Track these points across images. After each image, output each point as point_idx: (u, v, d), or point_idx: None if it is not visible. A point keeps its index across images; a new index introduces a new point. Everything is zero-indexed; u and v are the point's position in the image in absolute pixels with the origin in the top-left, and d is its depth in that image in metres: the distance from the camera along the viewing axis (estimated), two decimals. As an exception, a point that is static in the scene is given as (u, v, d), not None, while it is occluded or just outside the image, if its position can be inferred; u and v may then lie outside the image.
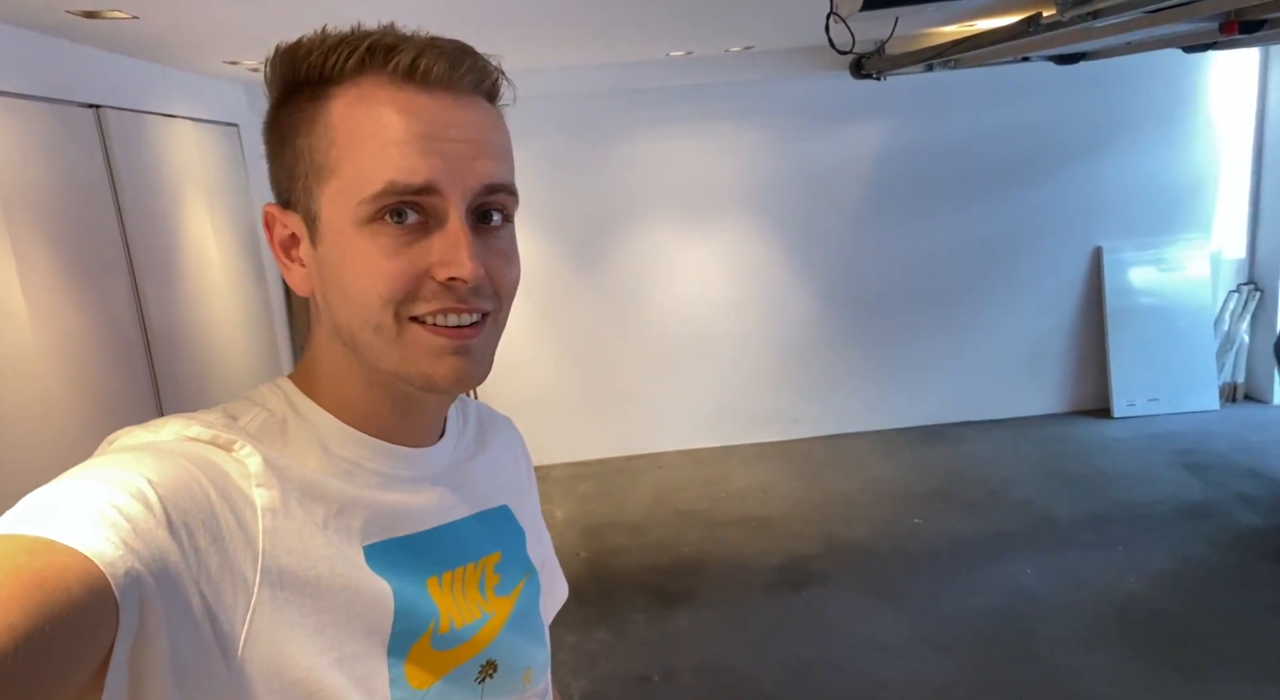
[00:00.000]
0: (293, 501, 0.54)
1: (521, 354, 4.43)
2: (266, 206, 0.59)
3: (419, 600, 0.58)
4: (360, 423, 0.60)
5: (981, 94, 4.28)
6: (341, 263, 0.55)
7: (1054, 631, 2.66)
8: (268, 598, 0.50)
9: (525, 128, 4.30)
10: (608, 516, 3.80)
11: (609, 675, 2.62)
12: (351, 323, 0.56)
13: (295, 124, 0.56)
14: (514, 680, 0.65)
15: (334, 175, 0.54)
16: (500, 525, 0.69)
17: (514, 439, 0.78)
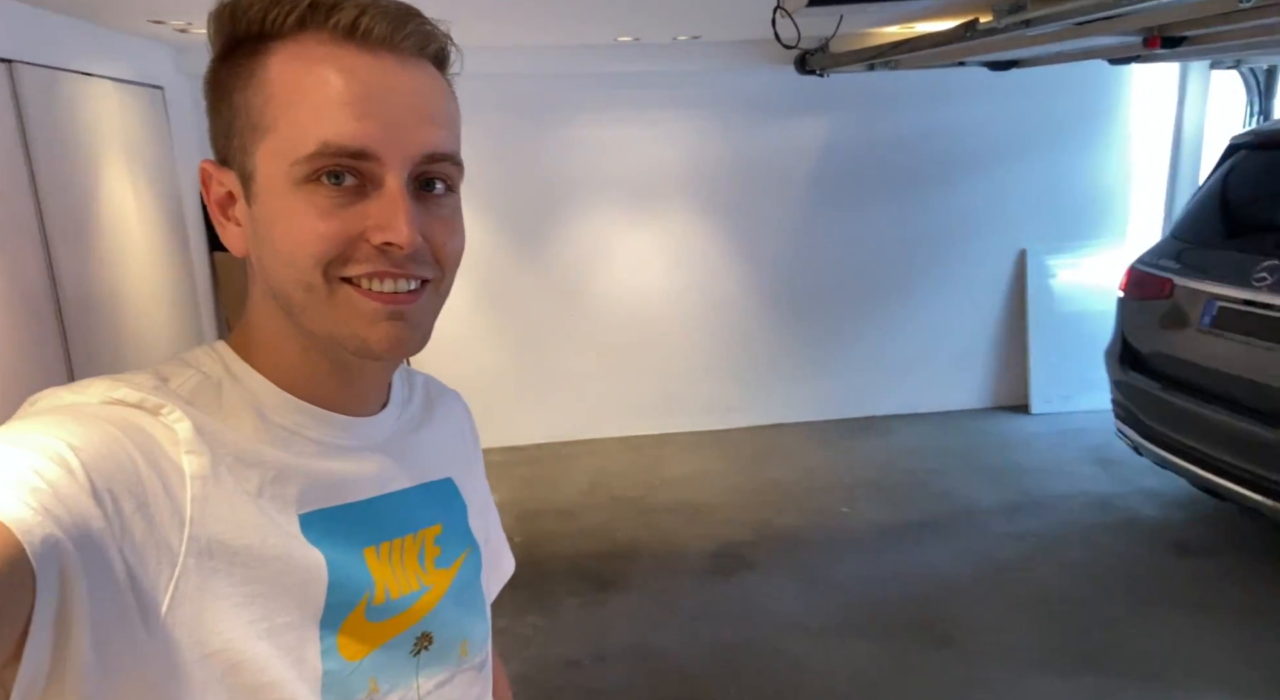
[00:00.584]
0: (224, 469, 0.52)
1: (460, 335, 4.37)
2: (204, 163, 0.58)
3: (354, 570, 0.58)
4: (298, 389, 0.59)
5: (919, 95, 4.39)
6: (275, 222, 0.54)
7: (970, 617, 2.77)
8: (194, 566, 0.49)
9: (471, 106, 4.19)
10: (543, 501, 3.79)
11: (538, 659, 2.62)
12: (284, 283, 0.55)
13: (233, 79, 0.55)
14: (450, 652, 0.65)
15: (270, 133, 0.53)
16: (443, 498, 0.69)
17: (461, 412, 0.77)
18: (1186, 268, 2.95)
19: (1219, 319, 2.76)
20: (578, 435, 4.55)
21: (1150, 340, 3.10)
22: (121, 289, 2.91)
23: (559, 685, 2.50)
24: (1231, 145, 3.14)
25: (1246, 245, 2.80)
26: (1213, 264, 2.86)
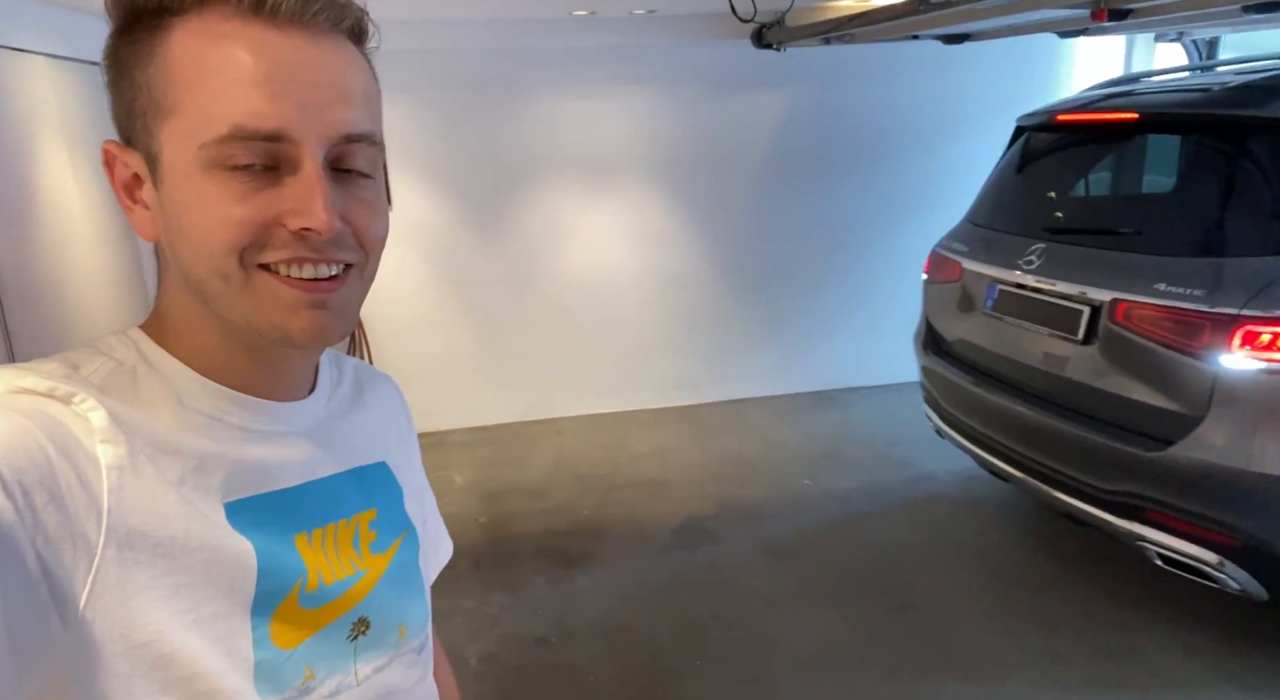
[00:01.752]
0: (142, 458, 0.51)
1: (419, 316, 4.32)
2: (106, 144, 0.55)
3: (285, 558, 0.57)
4: (219, 375, 0.57)
5: (875, 69, 4.41)
6: (184, 206, 0.52)
7: (928, 582, 2.84)
8: (113, 558, 0.48)
9: (425, 81, 4.16)
10: (508, 481, 3.79)
11: (506, 637, 2.63)
12: (197, 270, 0.53)
13: (133, 56, 0.52)
14: (388, 636, 0.64)
15: (173, 114, 0.51)
16: (377, 482, 0.68)
17: (393, 396, 0.76)
18: (974, 251, 2.91)
19: (998, 302, 2.72)
20: (541, 414, 4.54)
21: (946, 324, 3.06)
22: (64, 273, 2.82)
23: (527, 663, 2.52)
24: (1018, 126, 3.07)
25: (1022, 228, 2.76)
26: (994, 247, 2.81)
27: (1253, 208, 2.20)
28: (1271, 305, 1.97)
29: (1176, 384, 2.14)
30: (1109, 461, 2.29)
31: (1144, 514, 2.23)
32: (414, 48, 3.96)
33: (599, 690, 2.39)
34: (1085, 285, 2.39)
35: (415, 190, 4.19)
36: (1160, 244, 2.33)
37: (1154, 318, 2.19)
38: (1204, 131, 2.43)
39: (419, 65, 4.02)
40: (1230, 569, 2.10)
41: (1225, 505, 2.08)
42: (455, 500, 3.62)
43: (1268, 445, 1.98)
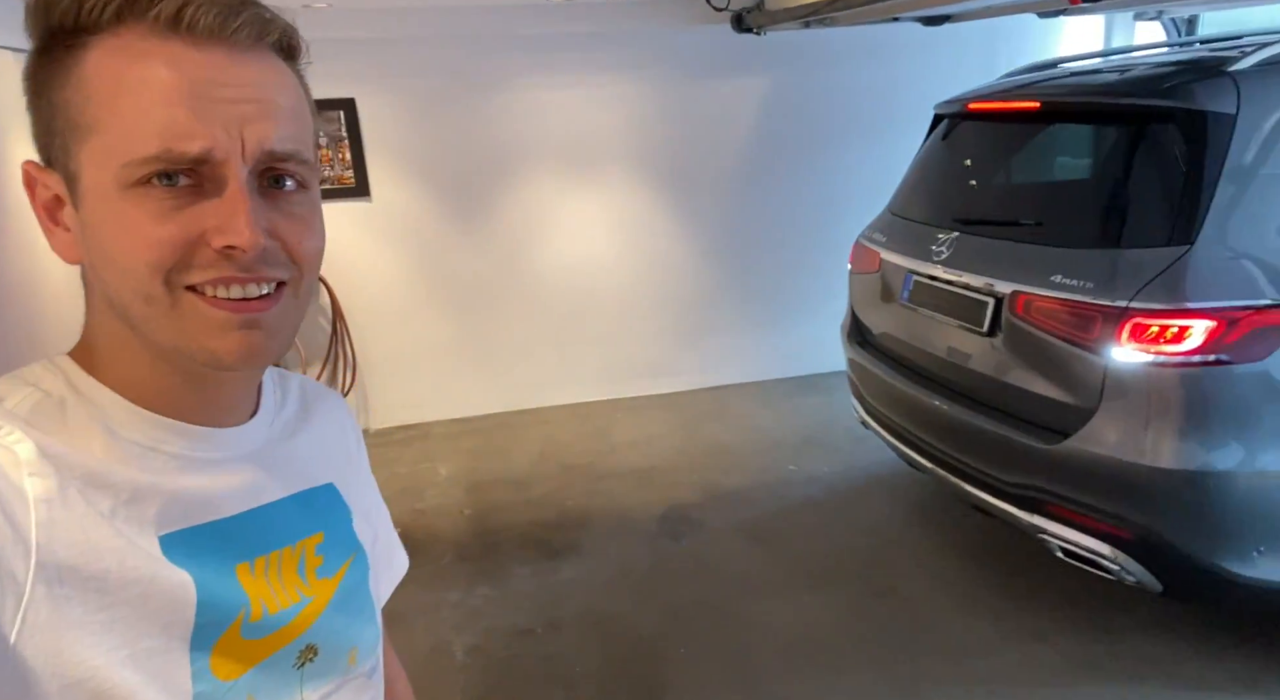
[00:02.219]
0: (73, 491, 0.49)
1: (401, 307, 4.30)
2: (26, 164, 0.54)
3: (225, 589, 0.55)
4: (152, 402, 0.55)
5: (855, 52, 4.39)
6: (105, 227, 0.51)
7: (911, 566, 2.87)
8: (43, 595, 0.47)
9: (402, 70, 4.11)
10: (492, 473, 3.79)
11: (491, 629, 2.64)
12: (121, 293, 0.52)
13: (51, 76, 0.51)
14: (337, 662, 0.63)
15: (92, 134, 0.50)
16: (324, 505, 0.67)
17: (340, 413, 0.75)
18: (891, 241, 2.88)
19: (913, 293, 2.68)
20: (525, 404, 4.54)
21: (869, 315, 3.04)
22: (36, 274, 2.77)
23: (513, 655, 2.53)
24: (935, 114, 3.03)
25: (935, 218, 2.71)
26: (910, 238, 2.77)
27: (1146, 198, 2.15)
28: (1160, 297, 1.94)
29: (1071, 377, 2.12)
30: (1012, 454, 2.27)
31: (1044, 507, 2.22)
32: (389, 36, 3.91)
33: (585, 680, 2.40)
34: (991, 277, 2.35)
35: (394, 180, 4.15)
36: (1059, 235, 2.29)
37: (1050, 310, 2.15)
38: (1101, 120, 2.39)
39: (396, 54, 3.97)
40: (1124, 561, 2.09)
41: (1118, 498, 2.07)
42: (440, 492, 3.61)
43: (1157, 439, 1.97)
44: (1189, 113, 2.04)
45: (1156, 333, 1.94)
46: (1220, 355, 1.91)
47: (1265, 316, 1.90)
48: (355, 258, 4.17)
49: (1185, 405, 1.95)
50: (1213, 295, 1.92)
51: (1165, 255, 1.98)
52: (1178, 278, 1.94)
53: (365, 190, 4.12)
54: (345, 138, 4.03)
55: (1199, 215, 1.96)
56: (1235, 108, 1.98)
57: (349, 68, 3.94)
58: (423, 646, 2.57)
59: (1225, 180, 1.96)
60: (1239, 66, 2.03)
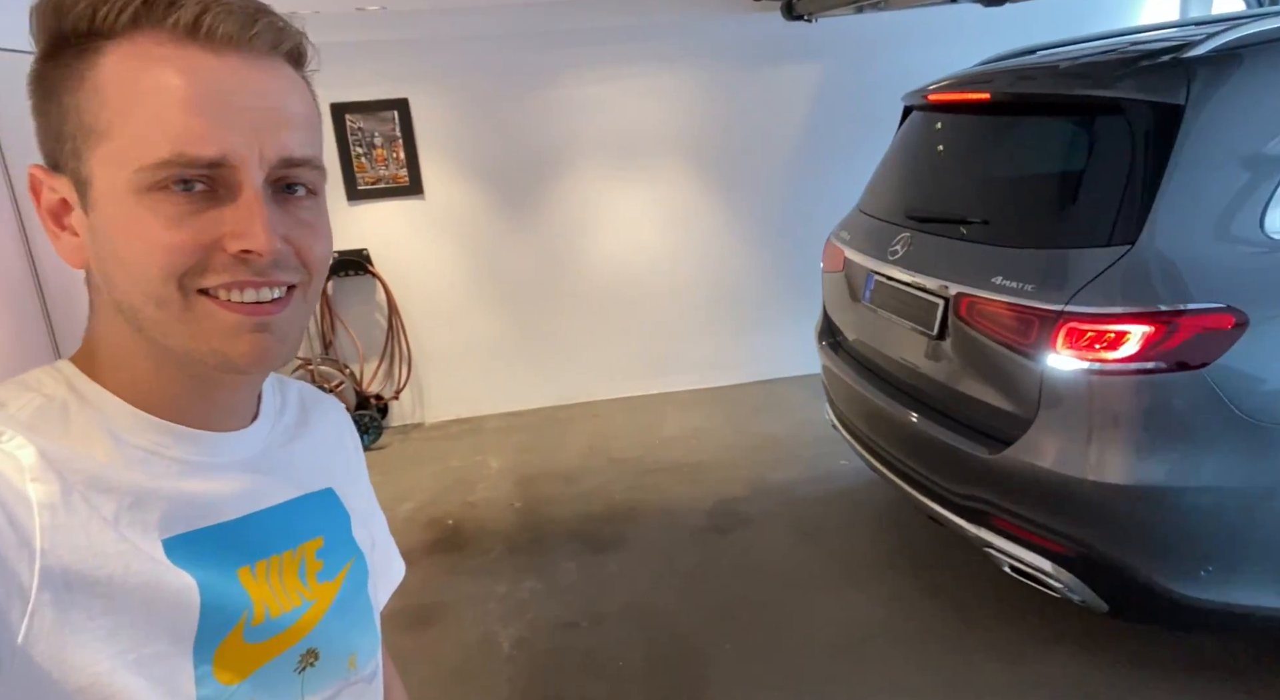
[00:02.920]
0: (76, 496, 0.50)
1: (455, 303, 4.37)
2: (32, 169, 0.54)
3: (228, 592, 0.56)
4: (155, 407, 0.56)
5: (910, 37, 4.27)
6: (119, 231, 0.51)
7: (960, 566, 2.79)
8: (49, 601, 0.47)
9: (454, 70, 4.16)
10: (541, 466, 3.83)
11: (538, 622, 2.67)
12: (131, 297, 0.53)
13: (61, 79, 0.51)
14: (338, 666, 0.64)
15: (106, 138, 0.50)
16: (323, 509, 0.67)
17: (339, 419, 0.76)
18: (855, 239, 2.74)
19: (874, 294, 2.54)
20: (575, 398, 4.57)
21: (838, 315, 2.90)
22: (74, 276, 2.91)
23: (558, 647, 2.55)
24: (905, 106, 2.86)
25: (894, 215, 2.57)
26: (872, 236, 2.63)
27: (1090, 195, 1.98)
28: (1097, 301, 1.80)
29: (1012, 384, 1.99)
30: (958, 464, 2.15)
31: (990, 520, 2.10)
32: (441, 35, 3.97)
33: (629, 675, 2.41)
34: (940, 277, 2.21)
35: (447, 178, 4.22)
36: (1003, 234, 2.14)
37: (991, 313, 2.02)
38: (1049, 112, 2.18)
39: (447, 53, 4.03)
40: (1067, 579, 1.97)
41: (1057, 512, 1.94)
42: (490, 485, 3.67)
43: (1093, 450, 1.84)
44: (1135, 103, 1.87)
45: (1092, 338, 1.79)
46: (1158, 362, 1.76)
47: (1207, 321, 1.75)
48: (410, 255, 4.25)
49: (1122, 415, 1.82)
50: (1152, 299, 1.77)
51: (1105, 256, 1.82)
52: (1116, 280, 1.79)
53: (419, 188, 4.20)
54: (399, 137, 4.11)
55: (1143, 214, 1.81)
56: (1185, 98, 1.81)
57: (402, 68, 4.02)
58: (471, 637, 2.62)
59: (1171, 176, 1.80)
60: (1194, 53, 1.85)
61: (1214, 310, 1.75)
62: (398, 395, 4.41)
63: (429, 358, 4.41)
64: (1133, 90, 1.89)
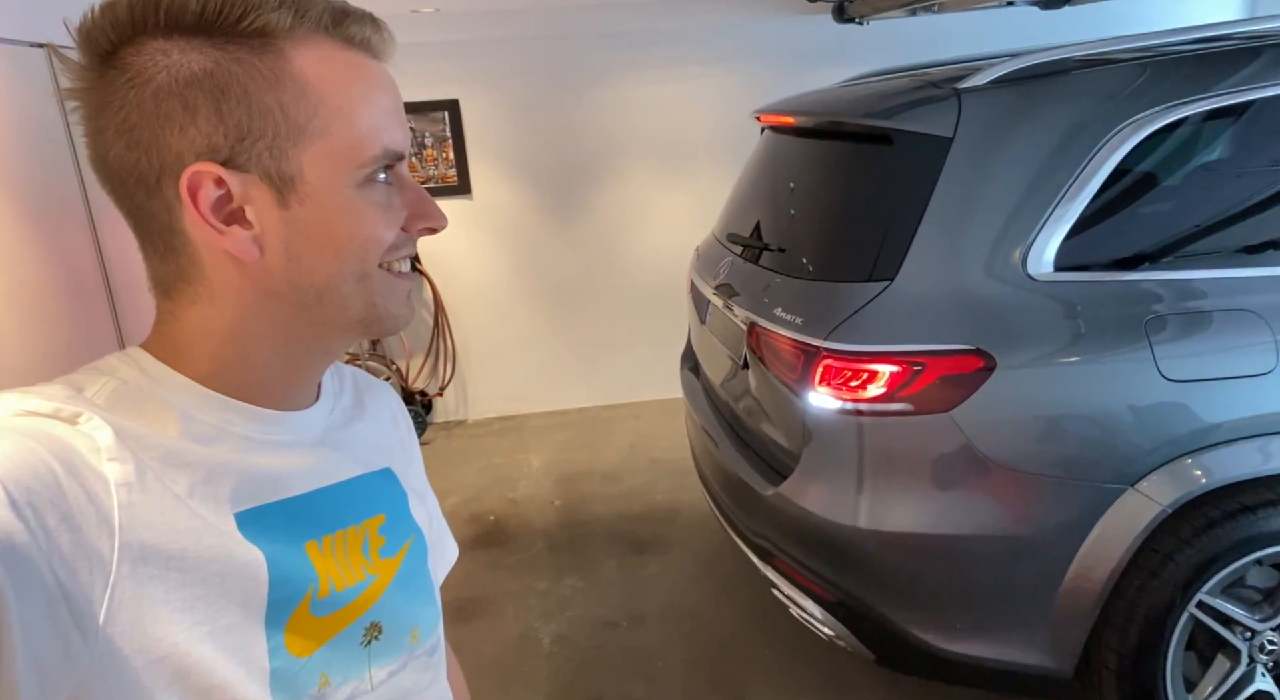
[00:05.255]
0: (149, 474, 0.52)
1: (500, 301, 4.41)
2: (202, 166, 0.53)
3: (295, 566, 0.57)
4: (230, 388, 0.58)
5: (964, 40, 4.20)
6: (335, 221, 0.56)
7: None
8: (128, 574, 0.49)
9: (502, 70, 4.21)
10: (583, 465, 3.84)
11: (577, 620, 2.68)
12: (332, 278, 0.57)
13: (248, 78, 0.52)
14: (401, 640, 0.65)
15: (321, 137, 0.54)
16: (383, 488, 0.69)
17: (392, 402, 0.78)
18: (699, 261, 2.63)
19: (710, 318, 2.43)
20: (617, 399, 4.58)
21: (693, 338, 2.76)
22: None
23: (597, 646, 2.56)
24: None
25: (726, 238, 2.46)
26: (708, 258, 2.52)
27: (861, 228, 1.90)
28: (852, 338, 1.72)
29: (787, 420, 1.92)
30: (748, 498, 2.07)
31: (774, 559, 2.01)
32: (491, 37, 4.02)
33: (668, 675, 2.41)
34: (742, 305, 2.14)
35: (494, 178, 4.27)
36: (791, 264, 2.04)
37: (772, 344, 1.94)
38: (839, 140, 2.07)
39: (497, 54, 4.08)
40: (834, 626, 1.89)
41: (817, 555, 1.87)
42: (531, 483, 3.70)
43: (842, 492, 1.77)
44: (903, 135, 1.79)
45: (847, 377, 1.72)
46: (905, 404, 1.69)
47: (953, 363, 1.67)
48: (456, 253, 4.31)
49: (869, 457, 1.75)
50: (902, 337, 1.70)
51: (866, 291, 1.75)
52: (871, 317, 1.72)
53: (467, 188, 4.25)
54: (449, 137, 4.17)
55: (903, 249, 1.73)
56: (953, 130, 1.73)
57: (454, 69, 4.08)
58: (511, 633, 2.64)
59: (933, 212, 1.72)
60: (969, 83, 1.76)
61: (961, 352, 1.67)
62: (442, 392, 4.47)
63: (473, 355, 4.46)
64: (904, 121, 1.80)
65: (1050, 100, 1.76)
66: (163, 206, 0.55)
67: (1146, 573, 1.71)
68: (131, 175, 0.54)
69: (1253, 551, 1.71)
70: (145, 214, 0.56)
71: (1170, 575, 1.70)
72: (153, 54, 0.52)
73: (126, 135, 0.52)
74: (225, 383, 0.58)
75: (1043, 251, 1.70)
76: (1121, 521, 1.67)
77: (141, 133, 0.52)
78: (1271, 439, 1.68)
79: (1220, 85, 1.72)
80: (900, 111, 1.83)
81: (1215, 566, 1.71)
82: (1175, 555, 1.70)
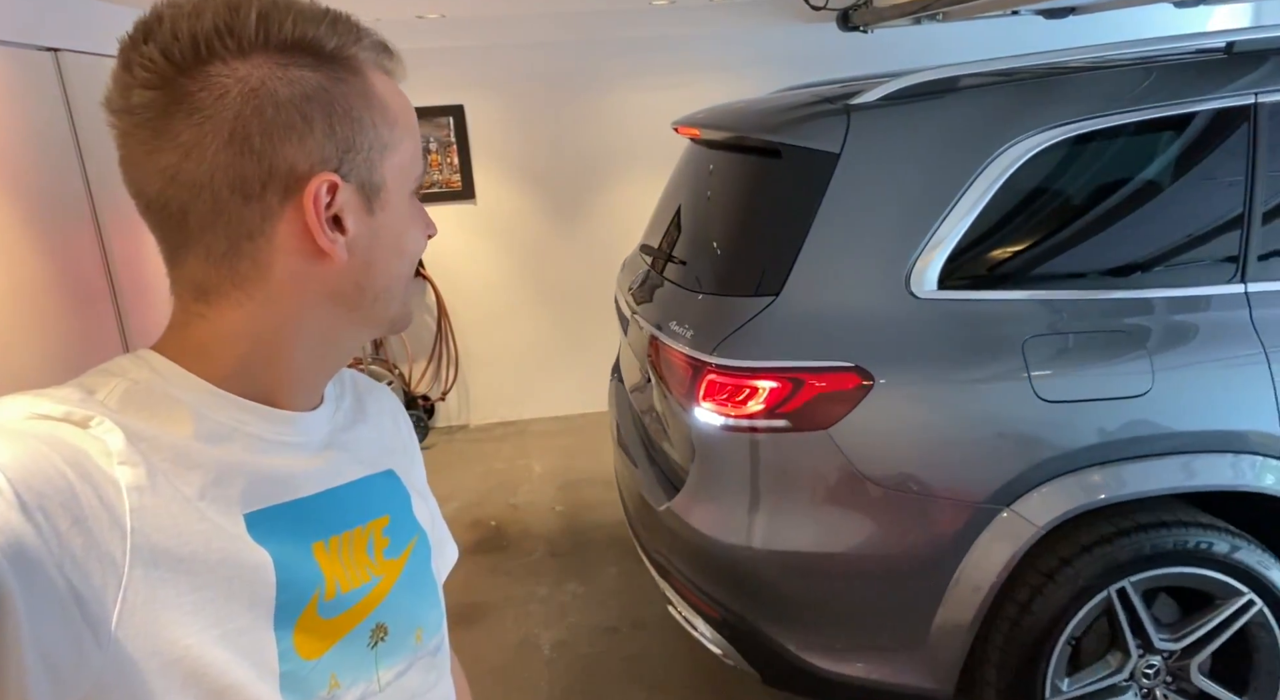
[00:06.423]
0: (160, 477, 0.52)
1: (503, 306, 4.42)
2: (328, 176, 0.56)
3: (302, 567, 0.58)
4: (247, 389, 0.59)
5: (969, 49, 4.21)
6: (403, 228, 0.62)
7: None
8: (140, 577, 0.49)
9: (509, 76, 4.23)
10: (585, 471, 3.84)
11: (578, 626, 2.67)
12: (393, 280, 0.62)
13: (349, 96, 0.57)
14: (406, 640, 0.66)
15: (394, 151, 0.60)
16: (387, 489, 0.69)
17: (392, 404, 0.78)
18: (623, 271, 2.61)
19: (629, 327, 2.37)
20: (620, 405, 4.57)
21: (621, 351, 2.70)
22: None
23: (598, 652, 2.55)
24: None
25: (644, 248, 2.45)
26: (631, 268, 2.51)
27: (751, 242, 1.87)
28: (736, 353, 1.70)
29: (679, 435, 1.91)
30: (647, 513, 2.06)
31: (670, 575, 1.99)
32: (497, 43, 4.03)
33: (668, 682, 2.40)
34: (646, 317, 2.12)
35: (498, 183, 4.28)
36: (689, 276, 2.02)
37: (667, 358, 1.92)
38: (740, 153, 2.04)
39: (503, 60, 4.09)
40: (721, 644, 1.88)
41: (701, 571, 1.86)
42: (533, 489, 3.69)
43: (723, 508, 1.76)
44: (792, 149, 1.78)
45: (729, 392, 1.71)
46: (784, 421, 1.68)
47: (832, 380, 1.66)
48: (459, 258, 4.32)
49: (748, 474, 1.73)
50: (784, 354, 1.68)
51: (752, 306, 1.73)
52: (754, 332, 1.71)
53: (471, 193, 4.26)
54: (454, 142, 4.19)
55: (789, 265, 1.72)
56: (840, 146, 1.71)
57: (459, 75, 4.09)
58: (512, 639, 2.63)
59: (818, 227, 1.71)
60: (861, 100, 1.75)
61: (840, 369, 1.66)
62: (444, 397, 4.47)
63: (475, 360, 4.46)
64: (793, 136, 1.79)
65: (936, 119, 1.75)
66: (258, 212, 0.55)
67: (1028, 591, 1.71)
68: (230, 181, 0.54)
69: (1135, 573, 1.70)
70: (224, 220, 0.55)
71: (1051, 595, 1.70)
72: (269, 67, 0.54)
73: (240, 143, 0.53)
74: (244, 384, 0.59)
75: (926, 269, 1.70)
76: (998, 543, 1.67)
77: (257, 141, 0.53)
78: (1150, 461, 1.67)
79: (1104, 107, 1.72)
80: (790, 126, 1.81)
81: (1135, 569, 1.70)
82: (1056, 576, 1.69)
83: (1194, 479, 1.69)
